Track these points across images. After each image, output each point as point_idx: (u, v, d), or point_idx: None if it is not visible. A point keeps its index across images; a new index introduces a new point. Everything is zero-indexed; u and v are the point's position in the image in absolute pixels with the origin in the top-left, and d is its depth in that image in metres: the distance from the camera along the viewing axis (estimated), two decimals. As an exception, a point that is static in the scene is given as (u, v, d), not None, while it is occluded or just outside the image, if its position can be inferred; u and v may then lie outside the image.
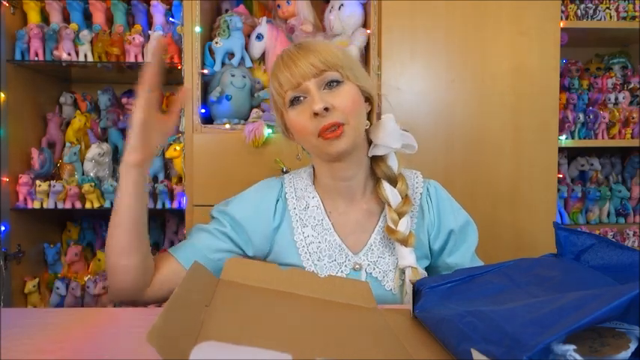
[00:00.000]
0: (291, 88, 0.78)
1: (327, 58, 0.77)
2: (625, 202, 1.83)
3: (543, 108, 1.54)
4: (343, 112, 0.77)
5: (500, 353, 0.40)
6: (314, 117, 0.76)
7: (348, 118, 0.77)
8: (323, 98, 0.76)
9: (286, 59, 0.79)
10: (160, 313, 0.43)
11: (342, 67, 0.78)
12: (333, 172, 0.85)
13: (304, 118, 0.78)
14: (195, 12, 1.49)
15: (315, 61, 0.77)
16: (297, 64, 0.77)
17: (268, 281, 0.70)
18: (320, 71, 0.77)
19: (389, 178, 0.84)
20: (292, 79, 0.77)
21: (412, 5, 1.51)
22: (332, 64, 0.77)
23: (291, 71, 0.77)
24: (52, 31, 1.71)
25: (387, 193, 0.83)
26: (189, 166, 1.48)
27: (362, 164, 0.85)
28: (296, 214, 0.87)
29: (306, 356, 0.45)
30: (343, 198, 0.87)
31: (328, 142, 0.77)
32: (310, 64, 0.76)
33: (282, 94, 0.80)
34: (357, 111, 0.79)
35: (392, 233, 0.81)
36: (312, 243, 0.84)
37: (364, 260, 0.84)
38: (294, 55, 0.78)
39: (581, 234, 0.60)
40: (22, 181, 1.71)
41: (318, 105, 0.75)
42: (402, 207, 0.82)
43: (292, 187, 0.89)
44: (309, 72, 0.77)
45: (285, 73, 0.78)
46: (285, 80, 0.78)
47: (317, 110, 0.75)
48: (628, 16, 1.73)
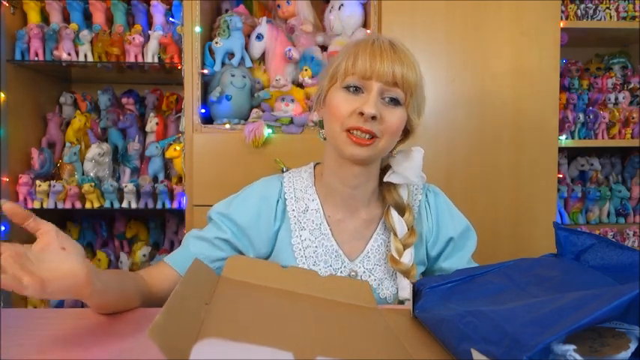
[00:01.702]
0: (361, 76, 0.75)
1: (408, 77, 0.75)
2: (625, 202, 1.83)
3: (543, 108, 1.54)
4: (385, 129, 0.76)
5: (500, 353, 0.40)
6: (359, 115, 0.74)
7: (384, 136, 0.76)
8: (378, 106, 0.75)
9: (376, 48, 0.76)
10: (162, 310, 0.43)
11: (411, 93, 0.77)
12: (341, 172, 0.82)
13: (347, 107, 0.75)
14: (195, 12, 1.49)
15: (398, 73, 0.74)
16: (382, 62, 0.74)
17: (269, 280, 0.70)
18: (393, 83, 0.75)
19: (398, 207, 0.82)
20: (368, 70, 0.74)
21: (412, 5, 1.51)
22: (406, 85, 0.76)
23: (372, 62, 0.74)
24: (52, 31, 1.71)
25: (394, 222, 0.81)
26: (189, 166, 1.48)
27: (371, 178, 0.84)
28: (295, 216, 0.85)
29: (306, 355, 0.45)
30: (344, 204, 0.85)
31: (350, 142, 0.75)
32: (392, 72, 0.74)
33: (348, 71, 0.76)
34: (394, 135, 0.78)
35: (395, 264, 0.80)
36: (309, 247, 0.84)
37: (360, 267, 0.83)
38: (386, 51, 0.75)
39: (581, 234, 0.60)
40: (22, 181, 1.71)
41: (372, 110, 0.73)
42: (408, 238, 0.81)
43: (292, 187, 0.88)
44: (386, 76, 0.74)
45: (365, 60, 0.75)
46: (361, 65, 0.75)
47: (367, 113, 0.73)
48: (628, 16, 1.73)
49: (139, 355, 0.53)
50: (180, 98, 1.92)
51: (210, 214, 0.86)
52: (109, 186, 1.73)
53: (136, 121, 1.90)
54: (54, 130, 1.87)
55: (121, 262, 1.89)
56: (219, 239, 0.83)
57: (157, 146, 1.79)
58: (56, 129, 1.87)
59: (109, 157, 1.83)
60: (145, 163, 1.85)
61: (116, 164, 1.88)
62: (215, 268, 0.81)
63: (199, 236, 0.84)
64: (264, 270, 0.72)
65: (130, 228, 1.96)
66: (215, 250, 0.83)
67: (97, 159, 1.78)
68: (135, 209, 1.77)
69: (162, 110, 1.97)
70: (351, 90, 0.76)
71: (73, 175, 1.77)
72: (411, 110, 0.79)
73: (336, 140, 0.78)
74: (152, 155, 1.80)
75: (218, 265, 0.82)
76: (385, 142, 0.77)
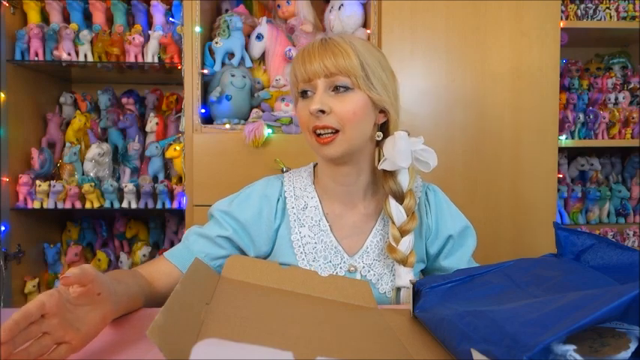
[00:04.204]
0: (303, 81, 0.80)
1: (342, 62, 0.77)
2: (625, 202, 1.83)
3: (543, 108, 1.54)
4: (341, 119, 0.77)
5: (500, 353, 0.40)
6: (311, 115, 0.78)
7: (344, 127, 0.78)
8: (323, 100, 0.77)
9: (306, 53, 0.80)
10: (161, 309, 0.43)
11: (356, 74, 0.77)
12: (333, 174, 0.85)
13: (305, 112, 0.80)
14: (195, 12, 1.49)
15: (329, 63, 0.77)
16: (312, 62, 0.78)
17: (269, 279, 0.70)
18: (330, 73, 0.77)
19: (395, 195, 0.82)
20: (305, 74, 0.79)
21: (412, 5, 1.51)
22: (344, 70, 0.77)
23: (305, 67, 0.79)
24: (52, 31, 1.71)
25: (391, 210, 0.81)
26: (189, 166, 1.48)
27: (363, 172, 0.85)
28: (294, 213, 0.86)
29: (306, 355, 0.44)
30: (342, 201, 0.87)
31: (319, 144, 0.79)
32: (324, 66, 0.77)
33: (295, 84, 0.82)
34: (356, 121, 0.78)
35: (392, 252, 0.80)
36: (309, 243, 0.84)
37: (359, 263, 0.84)
38: (314, 51, 0.79)
39: (581, 234, 0.60)
40: (22, 181, 1.71)
41: (314, 106, 0.76)
42: (407, 224, 0.80)
43: (292, 186, 0.89)
44: (320, 72, 0.78)
45: (300, 66, 0.80)
46: (299, 72, 0.80)
47: (311, 110, 0.77)
48: (628, 16, 1.74)
49: (139, 355, 0.53)
50: (180, 98, 1.92)
51: (211, 211, 0.87)
52: (109, 186, 1.73)
53: (136, 121, 1.90)
54: (54, 130, 1.87)
55: (121, 262, 1.89)
56: (220, 237, 0.83)
57: (157, 146, 1.79)
58: (56, 129, 1.87)
59: (109, 157, 1.83)
60: (145, 163, 1.85)
61: (116, 164, 1.88)
62: (216, 266, 0.82)
63: (201, 233, 0.84)
64: (264, 270, 0.72)
65: (130, 228, 1.96)
66: (216, 248, 0.83)
67: (97, 159, 1.78)
68: (135, 209, 1.77)
69: (163, 110, 1.97)
70: (304, 96, 0.81)
71: (73, 175, 1.77)
72: (367, 89, 0.79)
73: (311, 146, 0.82)
74: (152, 155, 1.80)
75: (219, 264, 0.82)
76: (350, 131, 0.78)
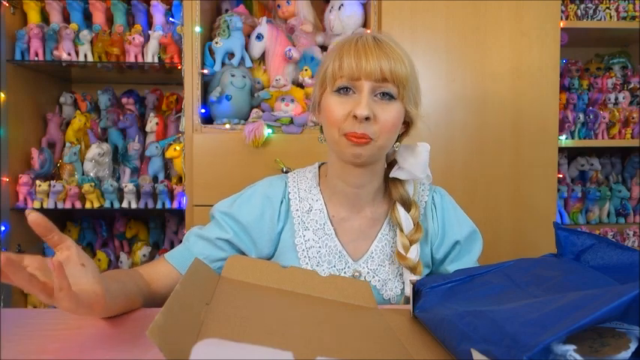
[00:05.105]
0: (350, 77, 0.75)
1: (397, 71, 0.74)
2: (625, 202, 1.83)
3: (543, 108, 1.54)
4: (380, 128, 0.74)
5: (500, 353, 0.40)
6: (353, 118, 0.73)
7: (380, 136, 0.75)
8: (370, 106, 0.73)
9: (360, 47, 0.75)
10: (161, 309, 0.43)
11: (405, 86, 0.75)
12: (345, 174, 0.82)
13: (341, 111, 0.75)
14: (195, 12, 1.49)
15: (386, 68, 0.73)
16: (368, 60, 0.73)
17: (269, 279, 0.70)
18: (382, 79, 0.74)
19: (404, 203, 0.82)
20: (356, 70, 0.73)
21: (412, 5, 1.51)
22: (397, 78, 0.74)
23: (358, 62, 0.73)
24: (52, 31, 1.71)
25: (400, 218, 0.81)
26: (189, 166, 1.48)
27: (375, 176, 0.84)
28: (298, 216, 0.85)
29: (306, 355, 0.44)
30: (349, 204, 0.85)
31: (349, 144, 0.75)
32: (380, 68, 0.73)
33: (336, 75, 0.76)
34: (391, 132, 0.77)
35: (402, 259, 0.80)
36: (312, 247, 0.83)
37: (364, 268, 0.83)
38: (370, 48, 0.74)
39: (581, 234, 0.60)
40: (22, 181, 1.71)
41: (364, 111, 0.72)
42: (414, 234, 0.80)
43: (296, 188, 0.87)
44: (373, 74, 0.73)
45: (351, 60, 0.74)
46: (347, 66, 0.74)
47: (359, 115, 0.72)
48: (628, 16, 1.73)
49: (139, 355, 0.53)
50: (180, 98, 1.92)
51: (212, 212, 0.86)
52: (109, 186, 1.73)
53: (136, 121, 1.90)
54: (54, 130, 1.87)
55: (121, 262, 1.89)
56: (220, 240, 0.82)
57: (157, 146, 1.79)
58: (56, 129, 1.87)
59: (109, 157, 1.83)
60: (145, 163, 1.85)
61: (116, 164, 1.88)
62: (216, 268, 0.81)
63: (201, 235, 0.83)
64: (264, 270, 0.72)
65: (130, 228, 1.96)
66: (216, 250, 0.82)
67: (97, 159, 1.78)
68: (135, 209, 1.77)
69: (163, 110, 1.97)
70: (342, 92, 0.76)
71: (73, 175, 1.77)
72: (406, 102, 0.78)
73: (336, 145, 0.77)
74: (152, 155, 1.80)
75: (219, 266, 0.81)
76: (382, 141, 0.76)
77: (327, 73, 0.78)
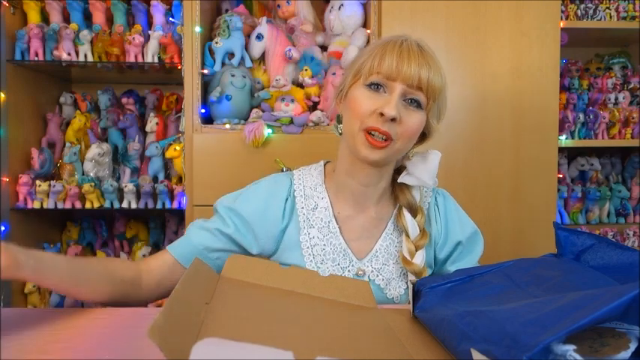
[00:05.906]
0: (385, 75, 0.75)
1: (434, 81, 0.75)
2: (625, 202, 1.83)
3: (543, 108, 1.54)
4: (402, 132, 0.75)
5: (500, 353, 0.40)
6: (379, 115, 0.74)
7: (399, 140, 0.76)
8: (398, 107, 0.74)
9: (404, 49, 0.75)
10: (161, 309, 0.43)
11: (435, 98, 0.76)
12: (354, 170, 0.82)
13: (369, 106, 0.75)
14: (195, 12, 1.49)
15: (424, 76, 0.74)
16: (410, 64, 0.74)
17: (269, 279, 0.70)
18: (417, 86, 0.75)
19: (411, 208, 0.82)
20: (394, 71, 0.74)
21: (412, 5, 1.51)
22: (430, 89, 0.75)
23: (399, 64, 0.74)
24: (52, 31, 1.71)
25: (407, 223, 0.81)
26: (189, 166, 1.48)
27: (383, 177, 0.84)
28: (304, 213, 0.85)
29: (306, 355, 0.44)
30: (354, 201, 0.85)
31: (366, 144, 0.75)
32: (419, 75, 0.74)
33: (373, 70, 0.76)
34: (412, 138, 0.78)
35: (407, 264, 0.80)
36: (317, 245, 0.83)
37: (368, 267, 0.83)
38: (414, 53, 0.75)
39: (581, 234, 0.60)
40: (22, 181, 1.71)
41: (392, 112, 0.72)
42: (420, 240, 0.81)
43: (301, 185, 0.87)
44: (411, 79, 0.74)
45: (392, 60, 0.74)
46: (387, 65, 0.74)
47: (387, 114, 0.73)
48: (628, 16, 1.74)
49: (139, 355, 0.53)
50: (180, 98, 1.92)
51: (216, 207, 0.86)
52: (109, 186, 1.73)
53: (136, 121, 1.90)
54: (54, 130, 1.87)
55: (121, 262, 1.88)
56: (220, 232, 0.82)
57: (157, 146, 1.80)
58: (56, 129, 1.87)
59: (109, 157, 1.83)
60: (145, 163, 1.85)
61: (116, 164, 1.88)
62: (214, 258, 0.81)
63: (202, 227, 0.83)
64: (264, 270, 0.72)
65: (130, 228, 1.96)
66: (217, 240, 0.82)
67: (97, 159, 1.78)
68: (135, 209, 1.77)
69: (163, 110, 1.97)
70: (373, 88, 0.76)
71: (73, 175, 1.77)
72: (431, 115, 0.79)
73: (353, 139, 0.77)
74: (152, 155, 1.80)
75: (218, 256, 0.82)
76: (401, 144, 0.77)
77: (364, 65, 0.78)
